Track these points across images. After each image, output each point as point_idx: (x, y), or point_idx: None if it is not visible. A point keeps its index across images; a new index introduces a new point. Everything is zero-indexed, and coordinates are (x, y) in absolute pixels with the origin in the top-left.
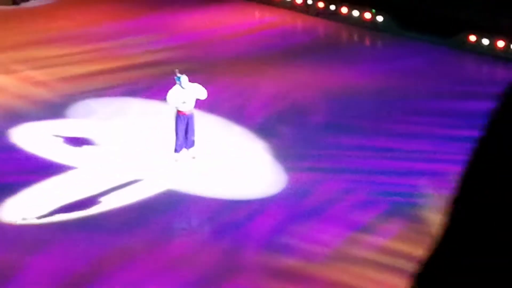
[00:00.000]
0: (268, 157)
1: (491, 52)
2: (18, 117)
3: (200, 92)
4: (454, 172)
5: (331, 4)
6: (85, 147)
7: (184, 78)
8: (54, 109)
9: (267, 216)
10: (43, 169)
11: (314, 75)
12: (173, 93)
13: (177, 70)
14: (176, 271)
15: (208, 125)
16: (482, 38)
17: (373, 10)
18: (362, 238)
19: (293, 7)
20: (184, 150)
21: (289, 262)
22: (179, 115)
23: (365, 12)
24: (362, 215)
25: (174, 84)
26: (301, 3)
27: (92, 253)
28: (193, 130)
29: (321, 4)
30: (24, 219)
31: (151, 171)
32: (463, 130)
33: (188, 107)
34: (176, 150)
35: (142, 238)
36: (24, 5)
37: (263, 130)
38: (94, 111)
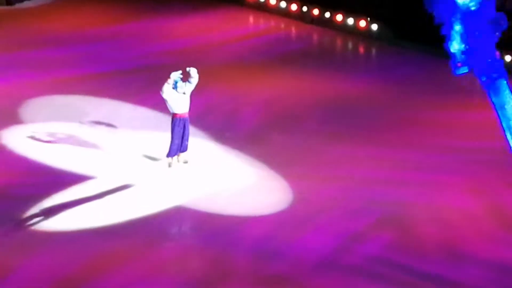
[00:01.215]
0: (260, 164)
1: None
2: (9, 119)
3: (194, 76)
4: (445, 181)
5: (326, 11)
6: (76, 150)
7: (180, 84)
8: (46, 112)
9: (258, 222)
10: (33, 172)
11: (308, 83)
12: (169, 95)
13: (189, 69)
14: (166, 276)
15: (200, 131)
16: None
17: (368, 18)
18: (353, 246)
19: (288, 14)
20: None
21: (280, 269)
22: (175, 118)
23: (360, 20)
24: (353, 223)
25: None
26: (296, 10)
27: (82, 257)
28: (187, 134)
29: (316, 12)
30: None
31: (143, 176)
32: (456, 140)
33: (183, 109)
34: (169, 154)
35: (132, 242)
36: (18, 5)
37: (256, 136)
38: (87, 114)
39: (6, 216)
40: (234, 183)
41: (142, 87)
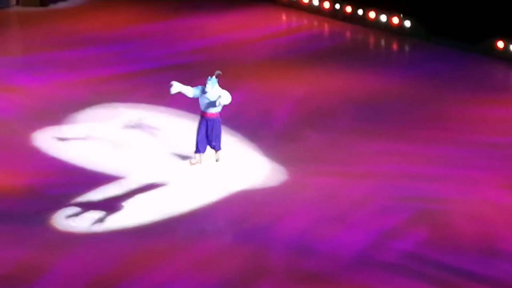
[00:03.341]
0: (294, 161)
1: None
2: (44, 119)
3: (224, 96)
4: (479, 177)
5: (358, 8)
6: (110, 150)
7: (212, 83)
8: (81, 112)
9: (292, 219)
10: (67, 172)
11: (341, 80)
12: (189, 89)
13: (218, 72)
14: (200, 274)
15: (234, 129)
16: (510, 44)
17: (401, 15)
18: (388, 243)
19: (320, 11)
20: (202, 153)
21: (315, 266)
22: (201, 116)
23: (393, 16)
24: (387, 220)
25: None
26: (329, 7)
27: (116, 256)
28: (217, 135)
29: (348, 9)
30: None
31: (177, 174)
32: (490, 137)
33: (208, 110)
34: (196, 151)
35: (167, 240)
36: (52, 6)
37: (290, 134)
38: (120, 113)
39: (40, 215)
40: (268, 181)
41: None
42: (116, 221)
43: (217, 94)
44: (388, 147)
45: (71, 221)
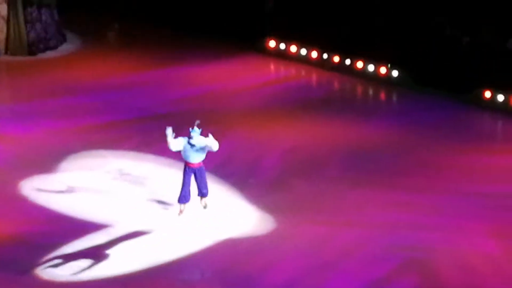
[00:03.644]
0: (282, 209)
1: (506, 109)
2: (31, 168)
3: (212, 144)
4: (468, 226)
5: (346, 58)
6: (96, 199)
7: (196, 134)
8: (68, 160)
9: (280, 269)
10: (53, 220)
11: (329, 129)
12: (178, 142)
13: (197, 122)
14: None
15: (223, 177)
16: (497, 94)
17: (389, 65)
18: None
19: (308, 61)
20: (187, 203)
21: None
22: (189, 167)
23: (381, 66)
24: (376, 269)
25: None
26: (317, 57)
27: None
28: (204, 183)
29: (336, 59)
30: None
31: (162, 223)
32: (478, 185)
33: (195, 160)
34: (179, 201)
35: None
36: (40, 55)
37: (278, 183)
38: (108, 162)
39: (26, 264)
40: (256, 230)
41: (164, 135)
42: (102, 270)
43: (203, 142)
44: (376, 196)
45: (57, 269)
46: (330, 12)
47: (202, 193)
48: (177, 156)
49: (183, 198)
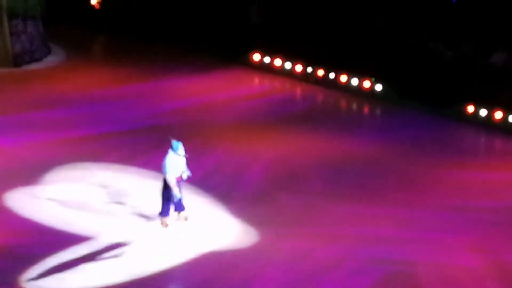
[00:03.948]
0: (265, 222)
1: (488, 123)
2: (14, 180)
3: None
4: (450, 240)
5: (330, 72)
6: (80, 211)
7: (180, 145)
8: (51, 173)
9: (262, 282)
10: (36, 232)
11: (313, 143)
12: (170, 162)
13: (170, 136)
14: None
15: (206, 190)
16: (480, 109)
17: (373, 79)
18: None
19: (292, 74)
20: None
21: None
22: (179, 180)
23: (364, 80)
24: (358, 283)
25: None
26: (301, 71)
27: None
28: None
29: (320, 72)
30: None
31: (146, 236)
32: (460, 199)
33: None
34: (167, 214)
35: None
36: (25, 67)
37: (261, 196)
38: (91, 175)
39: (8, 275)
40: (239, 242)
41: (148, 147)
42: (85, 282)
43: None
44: (359, 210)
45: (40, 281)
46: (314, 26)
47: (182, 205)
48: (161, 169)
49: (168, 211)
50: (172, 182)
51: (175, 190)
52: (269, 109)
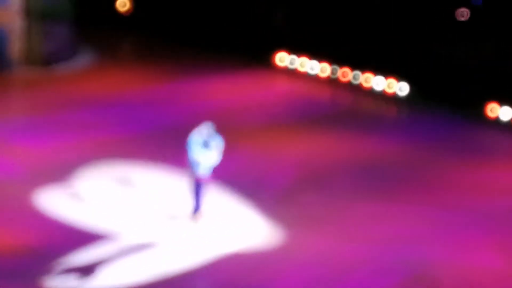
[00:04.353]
0: (290, 223)
1: (510, 125)
2: (44, 180)
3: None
4: (473, 241)
5: (355, 73)
6: (108, 211)
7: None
8: (82, 172)
9: (287, 282)
10: (65, 233)
11: (338, 144)
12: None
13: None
14: None
15: (232, 191)
16: (502, 110)
17: (398, 81)
18: None
19: (317, 76)
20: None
21: None
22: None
23: (389, 82)
24: (382, 283)
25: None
26: (326, 72)
27: None
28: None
29: (345, 74)
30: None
31: (172, 236)
32: (483, 200)
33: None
34: (199, 210)
35: None
36: (54, 67)
37: (287, 197)
38: (121, 175)
39: (35, 274)
40: (264, 243)
41: (175, 148)
42: (111, 281)
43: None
44: (384, 210)
45: (65, 280)
46: (339, 27)
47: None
48: (186, 168)
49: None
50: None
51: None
52: (294, 111)
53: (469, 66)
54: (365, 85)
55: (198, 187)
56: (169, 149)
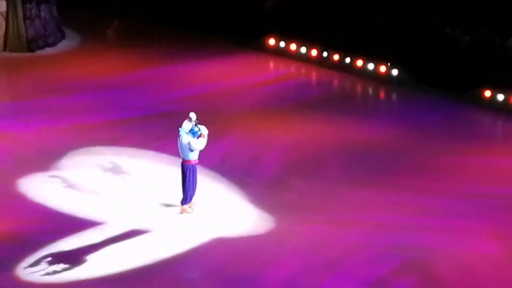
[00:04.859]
0: (281, 209)
1: (506, 108)
2: (29, 166)
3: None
4: (468, 227)
5: (346, 57)
6: (95, 197)
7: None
8: (67, 158)
9: (278, 268)
10: (51, 219)
11: (329, 128)
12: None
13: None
14: None
15: (221, 176)
16: (497, 93)
17: (389, 64)
18: None
19: (308, 59)
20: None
21: None
22: (194, 165)
23: (380, 65)
24: (376, 269)
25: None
26: (316, 55)
27: None
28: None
29: (336, 57)
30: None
31: (162, 222)
32: (478, 186)
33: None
34: (188, 202)
35: None
36: (39, 52)
37: (277, 182)
38: (107, 161)
39: (22, 261)
40: (255, 229)
41: (163, 133)
42: (100, 268)
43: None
44: (376, 196)
45: (53, 267)
46: (330, 10)
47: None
48: (176, 153)
49: (190, 198)
50: (198, 145)
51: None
52: (284, 95)
53: (463, 47)
54: (357, 68)
55: (188, 173)
56: (157, 134)
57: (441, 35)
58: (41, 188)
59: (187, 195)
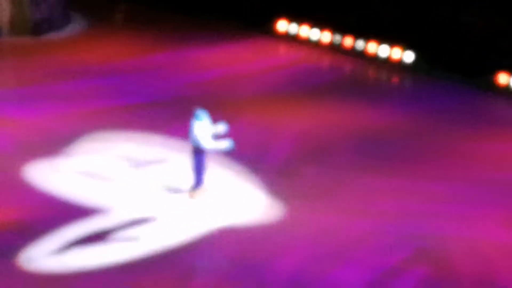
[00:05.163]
0: (292, 196)
1: None
2: (35, 152)
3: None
4: (480, 214)
5: (358, 41)
6: (103, 184)
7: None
8: (74, 145)
9: (289, 257)
10: (57, 206)
11: (340, 114)
12: (199, 131)
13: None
14: None
15: (231, 162)
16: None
17: (403, 49)
18: (388, 281)
19: (319, 44)
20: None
21: None
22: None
23: (394, 50)
24: (388, 258)
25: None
26: (328, 40)
27: None
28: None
29: (348, 41)
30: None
31: (171, 208)
32: (491, 172)
33: None
34: (199, 186)
35: (161, 276)
36: (44, 36)
37: (287, 168)
38: (114, 146)
39: (29, 249)
40: (265, 217)
41: (171, 119)
42: (109, 255)
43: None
44: (388, 184)
45: (60, 255)
46: None
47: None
48: (185, 139)
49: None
50: (211, 146)
51: (218, 146)
52: (295, 80)
53: (477, 31)
54: (369, 52)
55: (198, 159)
56: (165, 119)
57: (455, 20)
58: (48, 175)
59: (198, 179)
